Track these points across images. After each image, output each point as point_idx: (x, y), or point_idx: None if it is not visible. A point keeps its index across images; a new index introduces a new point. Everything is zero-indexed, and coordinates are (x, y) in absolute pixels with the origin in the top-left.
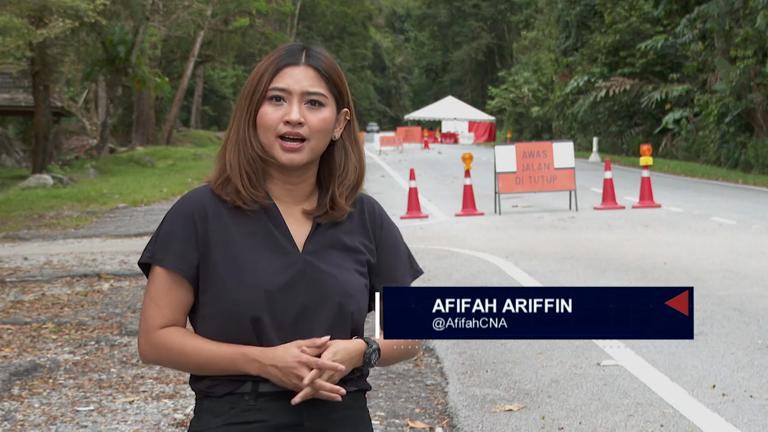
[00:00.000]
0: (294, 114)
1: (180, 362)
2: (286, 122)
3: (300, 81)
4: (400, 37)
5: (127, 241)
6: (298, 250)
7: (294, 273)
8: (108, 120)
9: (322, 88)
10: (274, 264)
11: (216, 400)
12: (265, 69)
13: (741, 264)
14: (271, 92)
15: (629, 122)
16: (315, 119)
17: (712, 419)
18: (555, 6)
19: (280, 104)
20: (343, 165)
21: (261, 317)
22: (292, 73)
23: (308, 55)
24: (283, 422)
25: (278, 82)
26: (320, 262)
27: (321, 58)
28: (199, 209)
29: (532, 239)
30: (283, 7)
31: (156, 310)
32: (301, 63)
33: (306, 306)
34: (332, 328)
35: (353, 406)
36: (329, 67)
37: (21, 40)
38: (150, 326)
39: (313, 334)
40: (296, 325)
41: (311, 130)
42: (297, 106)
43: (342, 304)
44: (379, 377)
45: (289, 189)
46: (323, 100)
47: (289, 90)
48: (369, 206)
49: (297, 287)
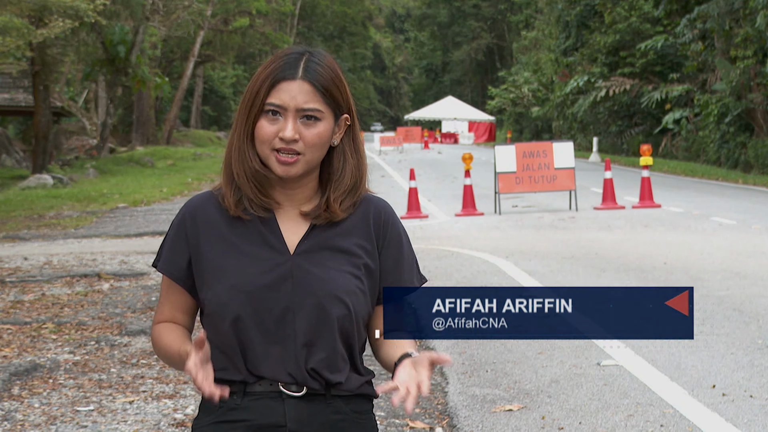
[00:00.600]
0: (288, 132)
1: (163, 357)
2: (281, 138)
3: (295, 97)
4: (400, 37)
5: (127, 241)
6: (288, 251)
7: (280, 274)
8: (108, 120)
9: (317, 103)
10: (260, 265)
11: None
12: (262, 82)
13: (741, 264)
14: (267, 107)
15: (629, 122)
16: (310, 135)
17: (712, 419)
18: (555, 6)
19: (276, 119)
20: (341, 170)
21: (242, 317)
22: (287, 88)
23: (305, 69)
24: (267, 422)
25: (274, 97)
26: (309, 263)
27: (318, 71)
28: (191, 213)
29: (532, 239)
30: (283, 7)
31: (159, 307)
32: (297, 77)
33: (289, 307)
34: (315, 330)
35: (345, 410)
36: (326, 80)
37: (21, 40)
38: (154, 322)
39: (295, 335)
40: (278, 326)
41: (306, 145)
42: (292, 123)
43: (324, 306)
44: (379, 377)
45: (289, 194)
46: (319, 114)
47: (284, 106)
48: (376, 208)
49: (281, 288)
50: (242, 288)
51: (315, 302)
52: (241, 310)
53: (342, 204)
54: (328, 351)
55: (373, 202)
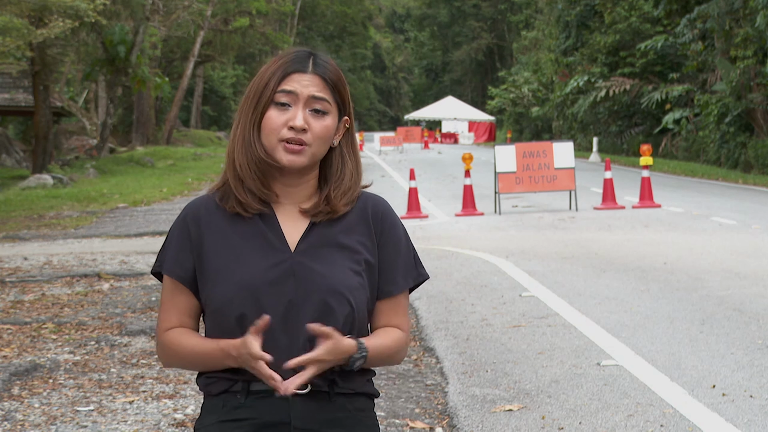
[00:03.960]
0: (298, 120)
1: (182, 361)
2: (290, 128)
3: (308, 86)
4: (400, 37)
5: (127, 241)
6: (289, 249)
7: (282, 271)
8: (108, 120)
9: (327, 95)
10: (262, 262)
11: (213, 398)
12: (273, 73)
13: (741, 264)
14: (278, 96)
15: (629, 122)
16: (318, 126)
17: (712, 419)
18: (555, 6)
19: (285, 109)
20: (340, 171)
21: (246, 314)
22: (299, 79)
23: (315, 63)
24: (271, 420)
25: (286, 85)
26: (311, 260)
27: (328, 67)
28: (193, 213)
29: (532, 239)
30: (283, 7)
31: (164, 314)
32: (308, 70)
33: (293, 303)
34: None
35: (348, 407)
36: (335, 76)
37: (21, 40)
38: (159, 330)
39: (300, 331)
40: (283, 322)
41: (313, 137)
42: (302, 112)
43: (327, 301)
44: (379, 377)
45: (290, 191)
46: (327, 107)
47: (297, 93)
48: (374, 205)
49: (284, 285)
50: (246, 285)
51: (318, 298)
52: (245, 306)
53: (342, 203)
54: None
55: (371, 199)
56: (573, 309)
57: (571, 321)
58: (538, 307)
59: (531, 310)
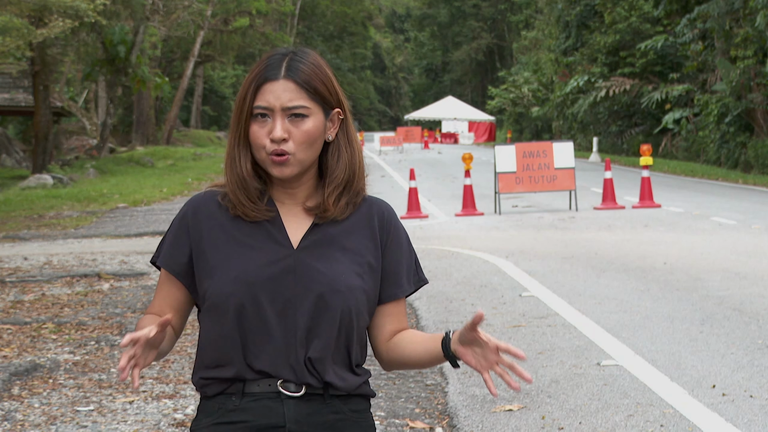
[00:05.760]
0: (277, 132)
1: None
2: (271, 140)
3: (279, 97)
4: (400, 37)
5: (127, 241)
6: (291, 246)
7: (283, 267)
8: (108, 120)
9: (302, 100)
10: (263, 258)
11: (209, 400)
12: (248, 86)
13: (741, 264)
14: (255, 110)
15: (629, 122)
16: (298, 133)
17: (712, 419)
18: (555, 6)
19: (265, 121)
20: (335, 164)
21: (245, 308)
22: (271, 89)
23: (288, 67)
24: (266, 423)
25: (260, 100)
26: (312, 258)
27: (300, 68)
28: (193, 209)
29: (532, 239)
30: (283, 7)
31: (153, 299)
32: (280, 77)
33: (291, 300)
34: (316, 321)
35: (343, 410)
36: (309, 76)
37: (21, 40)
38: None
39: (297, 327)
40: (280, 318)
41: (296, 144)
42: (280, 123)
43: (325, 297)
44: (379, 377)
45: (289, 193)
46: (305, 111)
47: (270, 107)
48: (379, 209)
49: (284, 281)
50: (245, 279)
51: (317, 296)
52: (243, 300)
53: (337, 201)
54: (327, 345)
55: (376, 203)
56: (573, 309)
57: (571, 321)
58: (538, 307)
59: (531, 310)
